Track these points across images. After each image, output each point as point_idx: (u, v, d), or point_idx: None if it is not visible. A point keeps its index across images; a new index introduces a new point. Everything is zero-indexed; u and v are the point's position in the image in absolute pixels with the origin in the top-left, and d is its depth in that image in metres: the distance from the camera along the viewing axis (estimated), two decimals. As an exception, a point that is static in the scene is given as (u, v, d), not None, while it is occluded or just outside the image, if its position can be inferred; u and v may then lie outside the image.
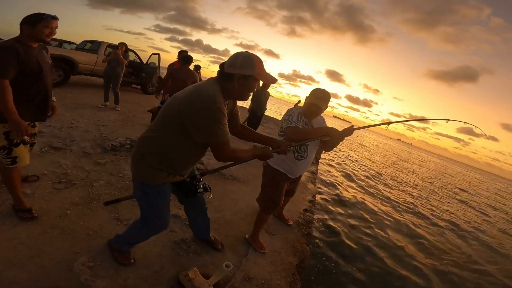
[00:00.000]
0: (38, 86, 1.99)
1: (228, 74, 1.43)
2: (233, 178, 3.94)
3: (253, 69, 1.42)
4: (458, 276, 4.39)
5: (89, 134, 3.96)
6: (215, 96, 1.37)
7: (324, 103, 2.21)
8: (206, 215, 2.12)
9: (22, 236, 1.86)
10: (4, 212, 2.03)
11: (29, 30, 1.91)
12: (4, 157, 1.93)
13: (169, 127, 1.44)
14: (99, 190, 2.64)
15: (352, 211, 5.98)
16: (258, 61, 1.44)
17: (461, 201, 12.10)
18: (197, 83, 1.50)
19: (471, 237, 6.71)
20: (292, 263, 2.45)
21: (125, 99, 7.42)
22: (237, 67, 1.41)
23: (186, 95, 1.41)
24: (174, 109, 1.41)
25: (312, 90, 2.30)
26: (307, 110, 2.27)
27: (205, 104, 1.34)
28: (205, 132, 1.38)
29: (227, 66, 1.44)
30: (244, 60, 1.42)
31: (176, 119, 1.40)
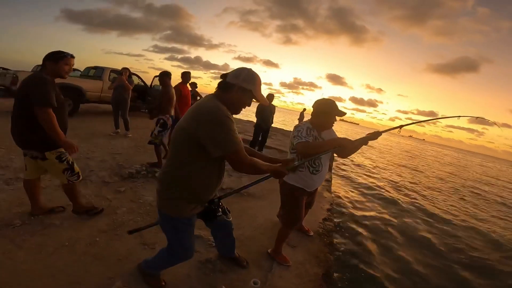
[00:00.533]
0: (65, 115, 2.32)
1: (230, 84, 1.50)
2: (249, 195, 3.98)
3: (254, 85, 1.51)
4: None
5: (106, 163, 4.09)
6: (219, 106, 1.43)
7: (341, 113, 2.23)
8: (231, 234, 2.16)
9: (59, 264, 1.96)
10: (39, 241, 2.16)
11: (52, 66, 2.19)
12: (70, 176, 2.37)
13: (187, 153, 1.47)
14: (123, 217, 2.73)
15: (371, 213, 5.92)
16: (259, 81, 1.54)
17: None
18: (197, 102, 1.54)
19: None
20: (317, 274, 2.46)
21: (134, 124, 7.61)
22: (240, 80, 1.49)
23: (190, 116, 1.45)
24: (184, 133, 1.44)
25: (316, 102, 2.32)
26: (321, 122, 2.29)
27: (212, 116, 1.39)
28: (219, 143, 1.39)
29: (231, 77, 1.51)
30: (248, 75, 1.51)
31: (190, 141, 1.43)
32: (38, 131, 2.13)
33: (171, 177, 1.54)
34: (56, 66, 2.19)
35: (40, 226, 2.34)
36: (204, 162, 1.49)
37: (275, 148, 8.46)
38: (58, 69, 2.20)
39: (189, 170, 1.49)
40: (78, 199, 2.56)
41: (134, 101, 9.47)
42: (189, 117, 1.46)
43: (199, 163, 1.49)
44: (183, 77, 5.42)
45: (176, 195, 1.54)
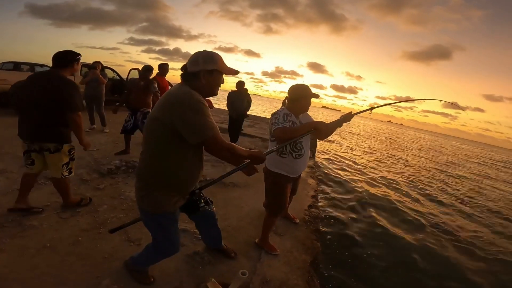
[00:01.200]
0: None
1: (193, 72, 1.46)
2: (234, 185, 3.96)
3: (216, 63, 1.48)
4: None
5: (83, 161, 3.91)
6: (191, 92, 1.40)
7: (308, 97, 2.30)
8: (216, 226, 2.14)
9: (43, 266, 1.90)
10: (19, 244, 2.08)
11: (74, 67, 2.38)
12: (65, 169, 2.47)
13: (163, 144, 1.42)
14: (105, 215, 2.65)
15: (354, 197, 6.10)
16: (218, 56, 1.51)
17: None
18: (167, 91, 1.51)
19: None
20: (306, 261, 2.49)
21: (111, 119, 7.30)
22: (200, 64, 1.45)
23: (162, 104, 1.41)
24: (157, 123, 1.40)
25: (290, 87, 2.38)
26: (300, 106, 2.34)
27: (184, 101, 1.35)
28: (195, 128, 1.35)
29: (190, 65, 1.47)
30: (206, 56, 1.47)
31: (164, 131, 1.38)
32: (59, 126, 2.34)
33: (149, 171, 1.49)
34: (75, 67, 2.39)
35: (19, 228, 2.25)
36: (182, 152, 1.45)
37: (258, 137, 8.45)
38: (75, 70, 2.40)
39: (167, 162, 1.45)
40: (70, 193, 2.65)
41: (110, 95, 9.13)
42: (161, 105, 1.42)
43: (177, 154, 1.44)
44: (160, 69, 5.40)
45: (156, 190, 1.49)
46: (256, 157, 1.67)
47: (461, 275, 3.71)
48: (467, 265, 4.00)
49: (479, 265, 4.06)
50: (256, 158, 1.67)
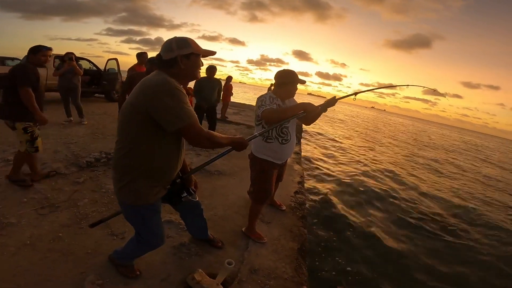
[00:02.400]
0: (38, 98, 2.72)
1: (169, 59, 1.40)
2: (219, 173, 3.91)
3: (190, 46, 1.42)
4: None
5: (60, 154, 3.74)
6: (166, 79, 1.33)
7: (295, 83, 2.27)
8: (202, 215, 2.09)
9: (25, 263, 1.83)
10: (6, 243, 1.99)
11: (33, 58, 2.74)
12: (30, 147, 2.74)
13: (139, 132, 1.36)
14: (86, 209, 2.55)
15: (340, 183, 6.19)
16: (191, 40, 1.45)
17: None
18: (144, 78, 1.43)
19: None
20: (293, 248, 2.49)
21: (90, 110, 7.06)
22: (175, 50, 1.39)
23: (137, 91, 1.35)
24: (133, 110, 1.34)
25: (277, 72, 2.34)
26: (287, 92, 2.30)
27: (159, 88, 1.30)
28: (171, 115, 1.30)
29: (164, 52, 1.41)
30: (179, 41, 1.41)
31: (140, 118, 1.32)
32: (13, 104, 2.61)
33: (124, 161, 1.41)
34: (35, 58, 2.74)
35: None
36: (157, 140, 1.38)
37: (243, 124, 8.39)
38: (37, 60, 2.75)
39: (142, 150, 1.38)
40: (35, 168, 2.94)
41: (87, 87, 8.80)
42: (136, 92, 1.35)
43: (152, 142, 1.38)
44: (139, 58, 5.19)
45: (134, 180, 1.42)
46: (238, 143, 1.62)
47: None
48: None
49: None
50: (238, 144, 1.62)
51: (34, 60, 2.74)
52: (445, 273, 3.44)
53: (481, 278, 3.50)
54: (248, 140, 1.71)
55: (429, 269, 3.46)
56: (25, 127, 2.69)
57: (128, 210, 1.55)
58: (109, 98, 9.25)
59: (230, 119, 9.01)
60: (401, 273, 3.31)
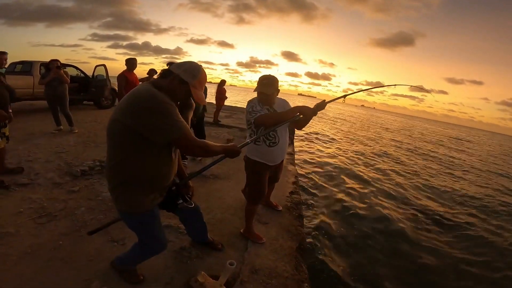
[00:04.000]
0: (2, 96, 2.98)
1: (170, 71, 1.42)
2: (215, 177, 3.93)
3: (193, 79, 1.42)
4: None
5: (52, 164, 3.70)
6: (153, 92, 1.32)
7: (269, 87, 2.24)
8: (202, 220, 2.12)
9: (28, 272, 1.85)
10: (0, 253, 1.99)
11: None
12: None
13: (128, 145, 1.35)
14: (84, 217, 2.55)
15: (336, 181, 6.29)
16: (202, 77, 1.45)
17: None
18: (131, 91, 1.40)
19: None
20: (292, 247, 2.54)
21: (80, 118, 6.97)
22: (181, 70, 1.41)
23: (124, 106, 1.33)
24: (120, 125, 1.33)
25: (259, 78, 2.32)
26: (260, 99, 2.31)
27: (146, 103, 1.29)
28: (160, 130, 1.31)
29: (175, 66, 1.44)
30: (191, 67, 1.43)
31: (128, 132, 1.32)
32: None
33: (117, 171, 1.42)
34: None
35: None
36: (149, 150, 1.39)
37: (235, 127, 8.42)
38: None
39: (135, 160, 1.39)
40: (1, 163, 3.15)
41: (76, 94, 8.66)
42: (123, 107, 1.33)
43: (144, 152, 1.38)
44: (127, 64, 5.14)
45: (128, 190, 1.44)
46: (230, 151, 1.65)
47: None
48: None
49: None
50: (231, 152, 1.65)
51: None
52: (442, 269, 3.53)
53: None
54: (240, 147, 1.73)
55: (429, 263, 3.55)
56: None
57: (127, 218, 1.57)
58: (98, 105, 9.12)
59: (222, 122, 9.03)
60: (402, 270, 3.38)
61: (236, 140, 6.74)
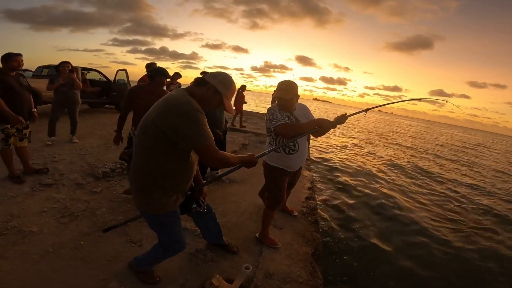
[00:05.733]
0: (19, 100, 3.08)
1: (205, 81, 1.49)
2: (230, 181, 3.97)
3: (227, 90, 1.52)
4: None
5: (76, 165, 3.87)
6: (190, 100, 1.40)
7: (289, 93, 2.25)
8: (215, 220, 2.16)
9: (48, 271, 1.92)
10: (22, 250, 2.08)
11: (5, 65, 3.03)
12: (4, 144, 3.08)
13: (157, 147, 1.42)
14: (104, 217, 2.64)
15: (351, 188, 6.18)
16: (233, 89, 1.56)
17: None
18: (167, 95, 1.51)
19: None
20: (307, 253, 2.53)
21: (101, 121, 7.25)
22: (216, 80, 1.49)
23: (160, 109, 1.41)
24: (153, 126, 1.40)
25: (278, 84, 2.33)
26: (280, 105, 2.31)
27: (182, 109, 1.36)
28: (189, 137, 1.38)
29: (210, 75, 1.51)
30: (225, 78, 1.52)
31: (161, 136, 1.39)
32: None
33: (144, 174, 1.49)
34: (8, 64, 3.04)
35: (19, 235, 2.25)
36: (176, 155, 1.46)
37: (251, 132, 8.47)
38: (11, 66, 3.04)
39: (161, 164, 1.46)
40: (11, 165, 3.22)
41: (98, 98, 9.01)
42: (159, 110, 1.41)
43: (171, 156, 1.45)
44: (148, 68, 5.22)
45: (152, 191, 1.50)
46: (247, 162, 1.72)
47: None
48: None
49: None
50: (248, 162, 1.72)
51: (7, 67, 3.03)
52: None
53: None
54: (257, 157, 1.79)
55: (447, 276, 3.44)
56: (2, 128, 3.05)
57: (149, 219, 1.64)
58: (119, 109, 9.41)
59: (237, 127, 9.10)
60: (416, 278, 3.29)
61: (251, 144, 6.78)
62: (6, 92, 2.94)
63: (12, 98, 2.99)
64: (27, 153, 3.42)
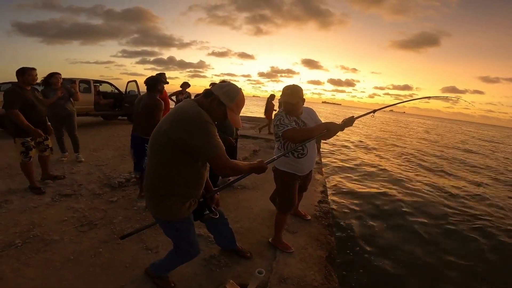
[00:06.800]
0: (37, 113, 3.22)
1: (211, 92, 1.51)
2: (242, 187, 4.01)
3: (231, 102, 1.51)
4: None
5: (93, 176, 4.00)
6: (200, 111, 1.43)
7: (294, 97, 2.26)
8: (228, 226, 2.18)
9: (70, 277, 2.00)
10: (44, 258, 2.17)
11: (21, 79, 3.11)
12: (24, 157, 3.22)
13: (169, 157, 1.47)
14: (121, 226, 2.72)
15: (364, 190, 6.10)
16: (239, 101, 1.54)
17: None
18: (177, 106, 1.53)
19: None
20: (321, 257, 2.52)
21: (115, 133, 7.43)
22: (221, 92, 1.50)
23: (171, 120, 1.44)
24: (165, 137, 1.43)
25: (282, 89, 2.35)
26: (286, 110, 2.32)
27: (193, 121, 1.39)
28: (201, 148, 1.41)
29: (216, 86, 1.53)
30: (230, 90, 1.52)
31: (174, 147, 1.43)
32: (14, 124, 3.11)
33: (157, 182, 1.54)
34: (23, 78, 3.12)
35: (41, 243, 2.34)
36: (188, 163, 1.50)
37: (261, 138, 8.50)
38: (26, 80, 3.13)
39: (174, 172, 1.50)
40: (32, 176, 3.35)
41: (111, 110, 9.22)
42: (170, 120, 1.45)
43: (183, 165, 1.50)
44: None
45: (166, 199, 1.54)
46: (257, 169, 1.73)
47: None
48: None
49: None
50: (258, 169, 1.73)
51: (23, 81, 3.11)
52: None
53: None
54: (267, 163, 1.80)
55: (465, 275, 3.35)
56: (22, 142, 3.18)
57: (164, 225, 1.68)
58: (131, 120, 9.64)
59: (247, 133, 9.08)
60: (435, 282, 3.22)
61: (262, 150, 6.81)
62: (25, 107, 3.07)
63: (30, 112, 3.12)
64: (48, 162, 3.69)
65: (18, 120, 3.02)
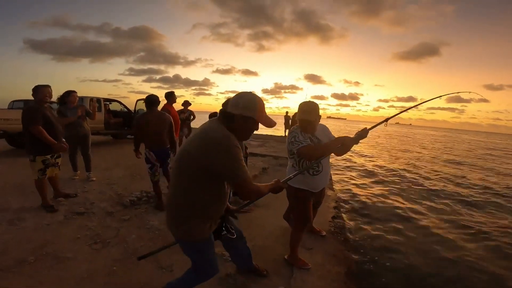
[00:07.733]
0: (55, 130, 3.28)
1: (230, 114, 1.46)
2: (254, 205, 3.95)
3: (255, 111, 1.45)
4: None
5: (105, 195, 4.01)
6: (228, 135, 1.41)
7: (312, 114, 2.24)
8: (245, 244, 2.14)
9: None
10: (58, 275, 2.16)
11: (35, 97, 3.19)
12: (41, 174, 3.28)
13: (195, 179, 1.44)
14: (134, 244, 2.69)
15: (378, 203, 5.95)
16: (261, 104, 1.48)
17: None
18: (203, 128, 1.49)
19: None
20: (340, 272, 2.46)
21: (125, 152, 7.48)
22: (240, 108, 1.44)
23: (198, 143, 1.42)
24: (191, 159, 1.42)
25: (299, 105, 2.33)
26: (302, 127, 2.30)
27: (222, 146, 1.36)
28: (229, 172, 1.39)
29: (231, 106, 1.47)
30: (247, 101, 1.46)
31: (199, 170, 1.41)
32: (30, 142, 3.17)
33: (181, 203, 1.52)
34: (38, 96, 3.20)
35: (55, 261, 2.34)
36: (212, 185, 1.48)
37: (269, 155, 8.47)
38: (41, 97, 3.21)
39: (198, 194, 1.48)
40: (44, 193, 3.36)
41: (121, 128, 9.31)
42: (198, 143, 1.42)
43: (207, 187, 1.47)
44: (169, 97, 5.26)
45: (190, 220, 1.52)
46: (275, 189, 1.75)
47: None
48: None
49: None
50: (276, 189, 1.75)
51: (39, 99, 3.20)
52: None
53: None
54: (284, 182, 1.81)
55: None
56: (43, 159, 3.26)
57: (186, 246, 1.65)
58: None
59: (255, 151, 9.04)
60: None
61: (271, 168, 6.78)
62: (45, 123, 3.15)
63: (50, 129, 3.19)
64: (57, 179, 3.72)
65: (42, 136, 3.08)
